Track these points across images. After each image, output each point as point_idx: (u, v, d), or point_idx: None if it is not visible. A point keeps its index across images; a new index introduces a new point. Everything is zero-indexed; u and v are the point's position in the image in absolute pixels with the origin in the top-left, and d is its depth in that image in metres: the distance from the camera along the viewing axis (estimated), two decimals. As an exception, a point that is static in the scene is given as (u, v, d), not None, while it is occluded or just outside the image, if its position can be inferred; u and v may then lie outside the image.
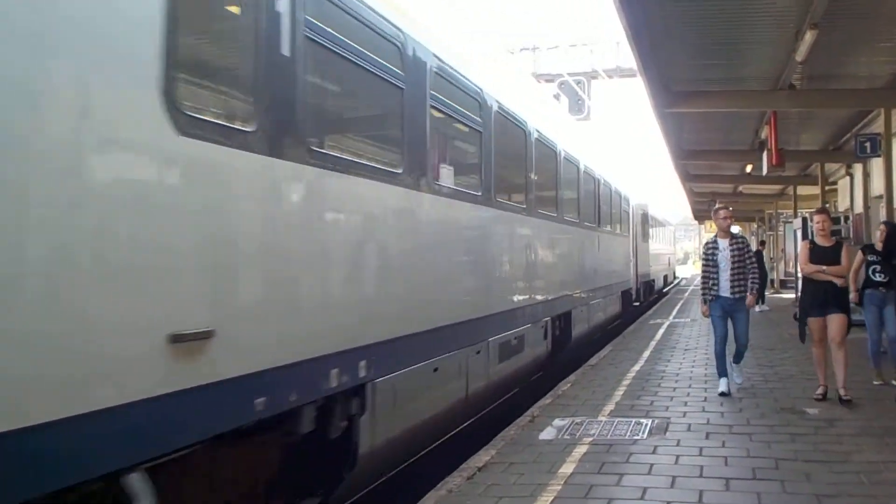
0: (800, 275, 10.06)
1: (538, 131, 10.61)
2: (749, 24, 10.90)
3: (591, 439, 6.96)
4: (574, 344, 12.99)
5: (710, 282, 9.09)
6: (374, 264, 5.75)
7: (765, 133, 17.21)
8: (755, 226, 48.24)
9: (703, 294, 9.16)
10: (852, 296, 9.02)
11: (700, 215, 49.61)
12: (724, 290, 8.99)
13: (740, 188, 32.30)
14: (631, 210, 22.32)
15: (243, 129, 4.19)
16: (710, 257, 9.15)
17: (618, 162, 21.34)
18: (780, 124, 15.92)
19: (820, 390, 8.51)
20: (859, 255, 9.37)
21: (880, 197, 15.75)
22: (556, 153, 11.95)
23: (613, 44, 27.57)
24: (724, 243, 9.13)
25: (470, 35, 8.81)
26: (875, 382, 9.22)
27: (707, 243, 9.45)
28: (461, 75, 7.56)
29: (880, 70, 13.10)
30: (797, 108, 15.47)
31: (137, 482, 3.46)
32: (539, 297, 10.58)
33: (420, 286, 6.51)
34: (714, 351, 9.28)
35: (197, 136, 3.74)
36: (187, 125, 3.67)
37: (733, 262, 8.98)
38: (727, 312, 9.09)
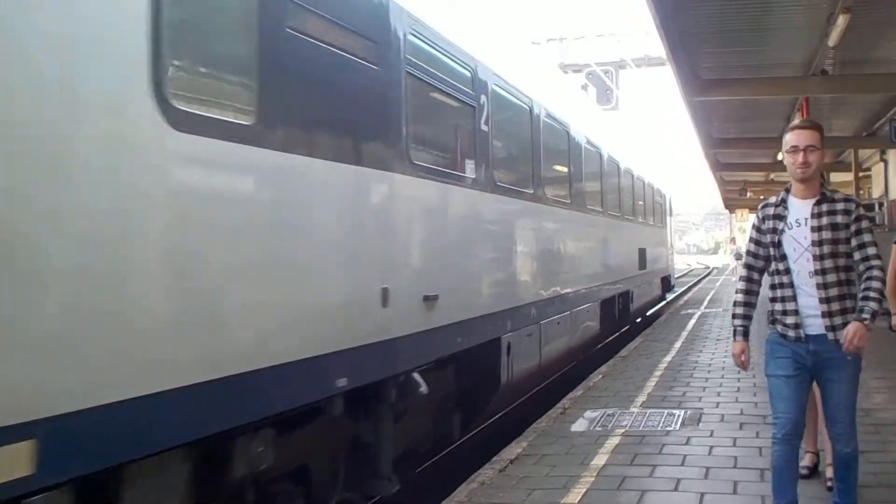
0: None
1: None
2: (780, 9, 10.76)
3: (623, 431, 6.93)
4: None
5: (772, 299, 4.34)
6: None
7: (797, 120, 16.99)
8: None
9: (743, 324, 4.45)
10: (894, 321, 5.21)
11: (730, 204, 49.12)
12: (810, 319, 4.17)
13: (772, 176, 31.87)
14: None
15: None
16: (760, 240, 4.40)
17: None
18: (812, 111, 15.69)
19: (806, 460, 5.34)
20: (894, 250, 5.36)
21: (916, 183, 15.50)
22: None
23: (642, 33, 27.35)
24: (802, 207, 4.23)
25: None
26: None
27: (765, 206, 4.45)
28: None
29: (915, 54, 12.87)
30: (830, 94, 15.25)
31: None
32: None
33: None
34: (771, 458, 4.36)
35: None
36: None
37: (823, 253, 4.11)
38: (807, 370, 4.24)
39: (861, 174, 23.08)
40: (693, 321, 16.59)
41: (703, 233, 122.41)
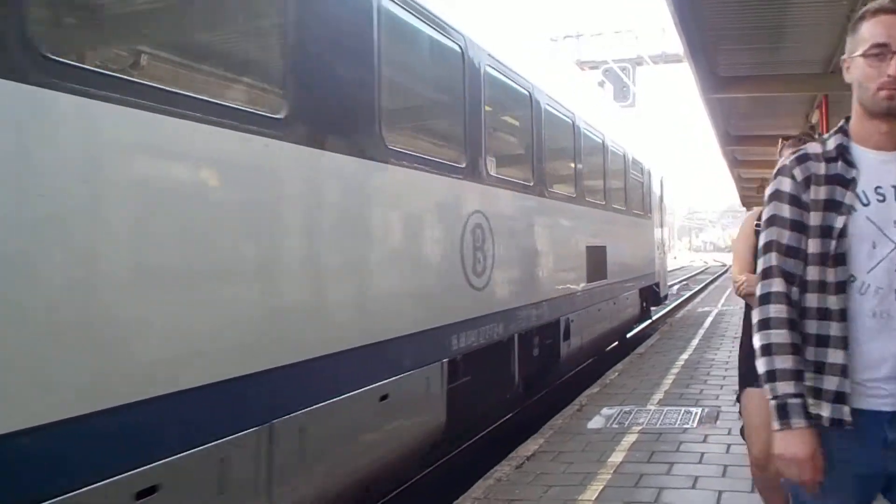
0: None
1: None
2: (799, 6, 10.68)
3: (640, 428, 6.93)
4: None
5: (814, 347, 2.11)
6: None
7: (815, 117, 16.87)
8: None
9: (798, 391, 2.05)
10: None
11: (748, 201, 48.88)
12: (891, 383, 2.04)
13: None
14: None
15: None
16: (805, 222, 2.17)
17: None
18: (831, 108, 15.57)
19: None
20: None
21: (936, 181, 15.34)
22: None
23: (659, 30, 27.24)
24: (884, 166, 2.18)
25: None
26: None
27: (803, 159, 2.29)
28: None
29: (937, 50, 12.76)
30: (850, 91, 15.12)
31: None
32: None
33: None
34: None
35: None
36: None
37: None
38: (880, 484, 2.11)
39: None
40: (710, 319, 16.52)
41: (719, 230, 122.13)
